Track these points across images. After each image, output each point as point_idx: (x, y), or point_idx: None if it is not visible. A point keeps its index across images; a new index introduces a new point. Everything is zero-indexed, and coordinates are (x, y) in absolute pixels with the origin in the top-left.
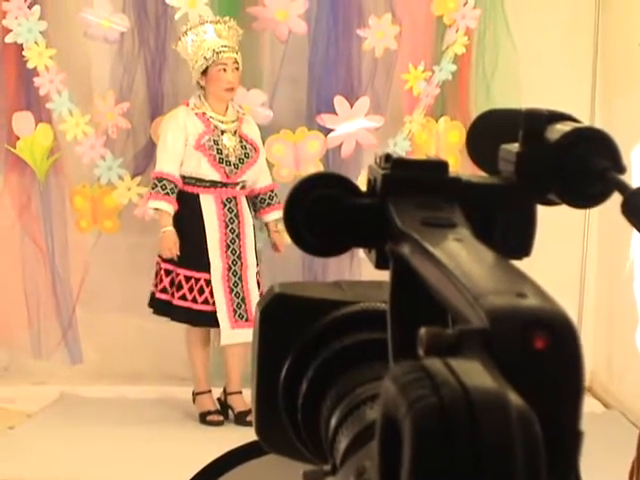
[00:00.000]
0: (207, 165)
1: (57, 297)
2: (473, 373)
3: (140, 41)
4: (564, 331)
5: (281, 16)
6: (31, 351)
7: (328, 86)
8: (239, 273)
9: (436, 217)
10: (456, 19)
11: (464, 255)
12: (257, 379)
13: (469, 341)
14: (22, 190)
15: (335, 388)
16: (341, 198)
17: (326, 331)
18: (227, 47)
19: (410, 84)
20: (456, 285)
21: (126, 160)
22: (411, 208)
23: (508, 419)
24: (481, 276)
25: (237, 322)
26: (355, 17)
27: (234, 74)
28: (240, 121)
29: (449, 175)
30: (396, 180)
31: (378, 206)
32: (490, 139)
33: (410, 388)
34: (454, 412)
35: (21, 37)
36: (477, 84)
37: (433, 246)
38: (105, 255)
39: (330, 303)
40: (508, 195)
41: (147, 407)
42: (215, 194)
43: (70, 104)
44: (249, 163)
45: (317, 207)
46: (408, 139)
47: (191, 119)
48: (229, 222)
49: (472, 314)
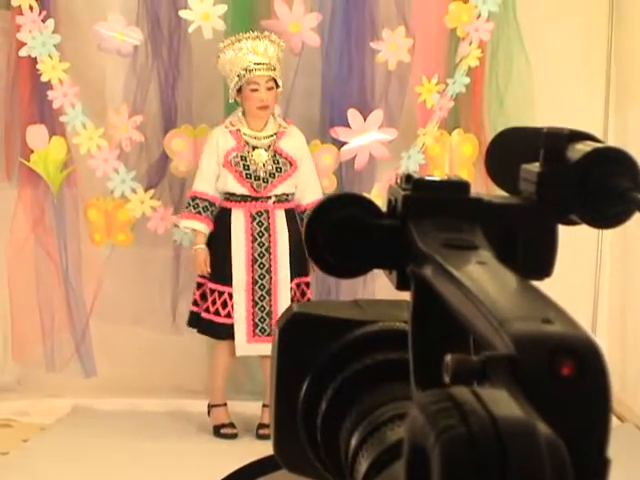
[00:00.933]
0: (233, 181)
1: (70, 310)
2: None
3: (153, 54)
4: (591, 357)
5: (294, 29)
6: (44, 364)
7: (341, 99)
8: (267, 287)
9: (458, 239)
10: (469, 32)
11: (487, 278)
12: (276, 398)
13: (495, 368)
14: (36, 203)
15: (355, 408)
16: (362, 219)
17: (345, 351)
18: (260, 64)
19: (423, 97)
20: (480, 309)
21: (139, 173)
22: (432, 229)
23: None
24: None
25: (255, 336)
26: (368, 30)
27: (268, 93)
28: (279, 135)
29: (470, 195)
30: (417, 201)
31: (399, 227)
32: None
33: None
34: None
35: (35, 50)
36: (490, 97)
37: (456, 269)
38: (118, 268)
39: (349, 322)
40: (529, 215)
41: (160, 420)
42: (245, 208)
43: (84, 117)
44: (281, 177)
45: (338, 228)
46: (422, 152)
47: (224, 137)
48: (257, 236)
49: (497, 340)
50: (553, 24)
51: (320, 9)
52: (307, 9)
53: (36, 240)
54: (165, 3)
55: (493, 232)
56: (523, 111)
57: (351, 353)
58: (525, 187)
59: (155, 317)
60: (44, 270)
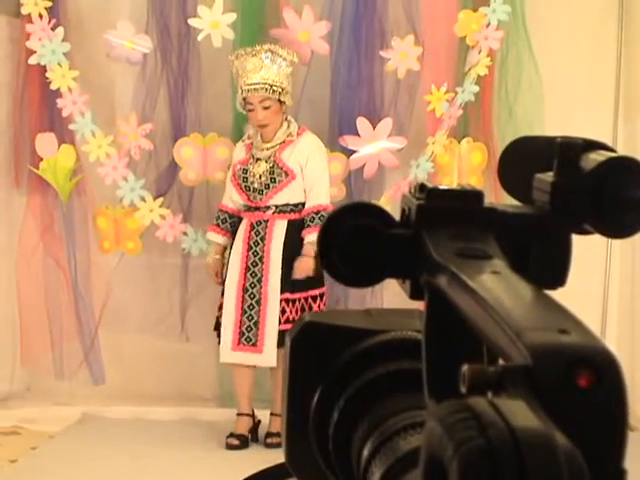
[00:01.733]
0: (235, 192)
1: (79, 318)
2: (519, 413)
3: (163, 62)
4: (608, 368)
5: (304, 37)
6: (53, 372)
7: (350, 107)
8: (257, 297)
9: (472, 248)
10: (479, 40)
11: (502, 288)
12: (287, 407)
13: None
14: (45, 211)
15: (367, 418)
16: (376, 228)
17: (357, 360)
18: (254, 84)
19: (433, 105)
20: (496, 320)
21: (148, 181)
22: (446, 239)
23: (556, 460)
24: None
25: (240, 345)
26: (378, 38)
27: (264, 112)
28: (283, 145)
29: (484, 205)
30: (431, 210)
31: (412, 236)
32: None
33: (456, 429)
34: (502, 454)
35: (44, 58)
36: (500, 105)
37: (470, 278)
38: (127, 276)
39: (361, 332)
40: (543, 225)
41: (169, 428)
42: (247, 217)
43: (93, 125)
44: (276, 188)
45: (351, 237)
46: (431, 160)
47: (239, 151)
48: (253, 244)
49: (514, 351)
50: (562, 33)
51: (329, 17)
52: (316, 18)
53: (45, 248)
54: (174, 11)
55: (507, 242)
56: (532, 120)
57: (363, 362)
58: (539, 197)
59: (164, 325)
60: (53, 278)
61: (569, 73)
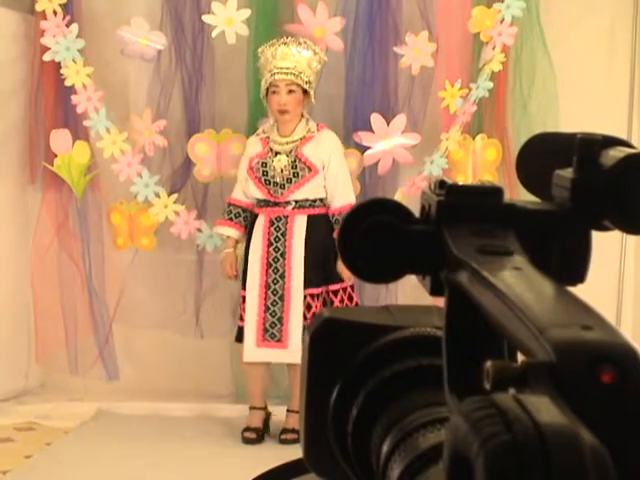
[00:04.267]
0: (253, 186)
1: (94, 314)
2: (544, 409)
3: (177, 59)
4: (632, 364)
5: (318, 34)
6: (68, 367)
7: (365, 104)
8: (280, 292)
9: (492, 244)
10: (493, 36)
11: (524, 284)
12: (306, 403)
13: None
14: (59, 207)
15: (386, 414)
16: (396, 224)
17: (376, 356)
18: (283, 69)
19: (447, 102)
20: (518, 316)
21: (163, 178)
22: (466, 235)
23: (582, 456)
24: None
25: (265, 341)
26: (392, 35)
27: (288, 96)
28: (304, 140)
29: (504, 201)
30: (451, 207)
31: (433, 233)
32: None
33: (482, 425)
34: (528, 450)
35: (59, 55)
36: (514, 101)
37: (491, 275)
38: (142, 272)
39: (380, 328)
40: (563, 222)
41: (185, 424)
42: (265, 213)
43: (107, 122)
44: (298, 183)
45: (372, 233)
46: (445, 157)
47: (254, 145)
48: (274, 240)
49: (537, 347)
50: (577, 28)
51: (344, 14)
52: (331, 14)
53: (60, 244)
54: (189, 8)
55: (527, 238)
56: (546, 116)
57: (382, 359)
58: (558, 193)
59: (178, 321)
60: (67, 274)
61: (584, 69)
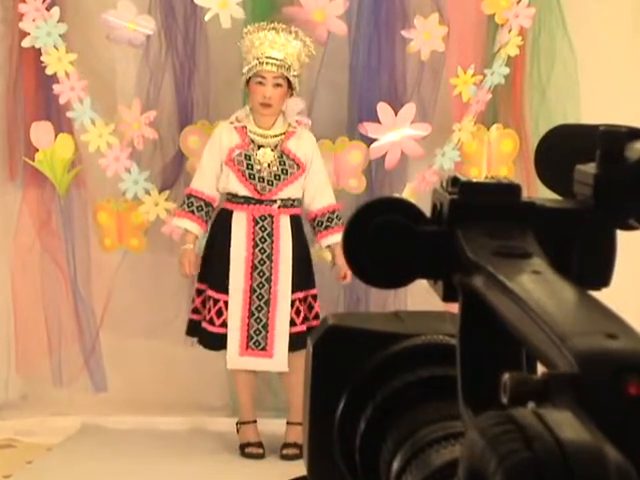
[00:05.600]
0: (235, 180)
1: (79, 320)
2: (566, 424)
3: (167, 45)
4: None
5: (319, 17)
6: (51, 379)
7: (370, 92)
8: (265, 297)
9: (509, 246)
10: (509, 18)
11: (544, 290)
12: (310, 417)
13: (557, 387)
14: (41, 206)
15: (397, 428)
16: (405, 225)
17: (386, 366)
18: (272, 59)
19: (459, 89)
20: (538, 324)
21: (153, 173)
22: (482, 236)
23: (607, 475)
24: (566, 314)
25: (249, 350)
26: (399, 17)
27: (274, 90)
28: (287, 135)
29: (522, 200)
30: (465, 206)
31: (445, 234)
32: (561, 158)
33: (500, 441)
34: (549, 468)
35: (39, 41)
36: (532, 88)
37: (509, 279)
38: (131, 275)
39: (389, 336)
40: (586, 220)
41: (177, 439)
42: (247, 211)
43: (92, 113)
44: (287, 180)
45: (379, 235)
46: (457, 149)
47: (228, 134)
48: (259, 241)
49: (559, 357)
50: (599, 9)
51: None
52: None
53: (42, 245)
54: None
55: (547, 239)
56: (567, 103)
57: (392, 369)
58: (580, 190)
59: (170, 328)
60: (50, 278)
61: (607, 51)
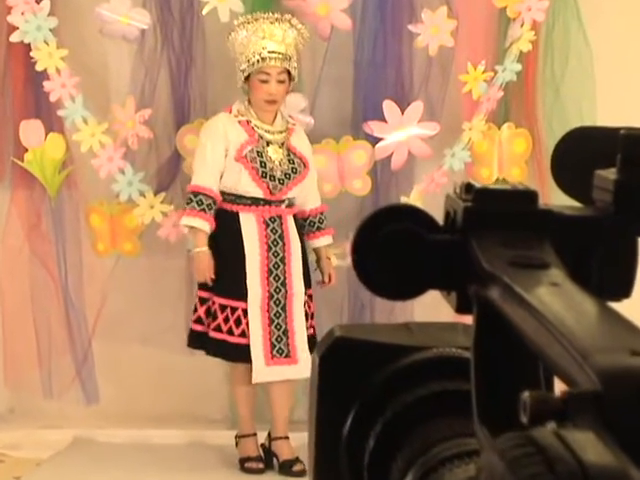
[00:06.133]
0: (248, 179)
1: (71, 328)
2: (588, 446)
3: (163, 40)
4: None
5: (322, 10)
6: (41, 390)
7: (376, 89)
8: (282, 302)
9: (527, 256)
10: (521, 11)
11: (563, 302)
12: (316, 433)
13: (579, 407)
14: (31, 208)
15: (407, 446)
16: (417, 233)
17: (395, 380)
18: (275, 53)
19: (469, 86)
20: (557, 339)
21: (148, 174)
22: (497, 245)
23: None
24: (587, 329)
25: (274, 358)
26: (406, 11)
27: (278, 86)
28: (289, 132)
29: (539, 207)
30: (479, 213)
31: (459, 243)
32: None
33: (520, 464)
34: None
35: (29, 36)
36: (545, 85)
37: (526, 291)
38: (125, 281)
39: (399, 348)
40: (606, 228)
41: (174, 453)
42: (257, 212)
43: (85, 111)
44: (297, 179)
45: (389, 244)
46: (467, 149)
47: (233, 127)
48: (272, 244)
49: (580, 374)
50: (615, 1)
51: None
52: None
53: (31, 250)
54: None
55: (565, 248)
56: (582, 100)
57: (402, 383)
58: (600, 196)
59: (167, 336)
60: (40, 284)
61: (624, 45)
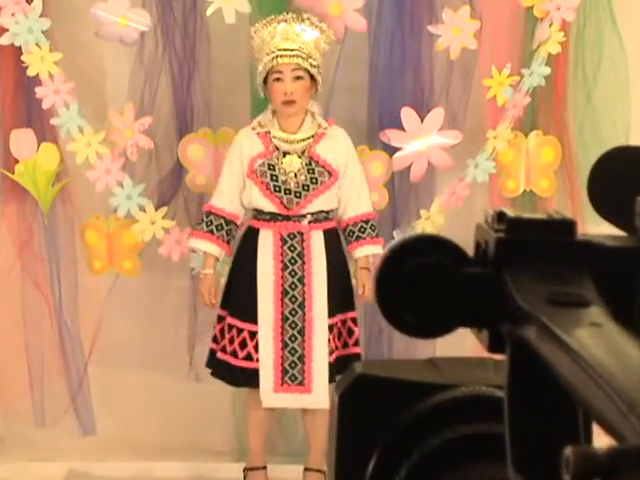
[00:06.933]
0: (259, 195)
1: (65, 353)
2: None
3: (164, 42)
4: None
5: (335, 10)
6: (33, 419)
7: (393, 95)
8: (299, 325)
9: (565, 293)
10: (549, 10)
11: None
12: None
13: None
14: (22, 224)
15: None
16: (445, 267)
17: (422, 421)
18: (287, 50)
19: (493, 92)
20: (601, 387)
21: (149, 187)
22: (533, 280)
23: None
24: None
25: (284, 385)
26: (425, 11)
27: (294, 84)
28: (316, 138)
29: (577, 237)
30: (513, 245)
31: (491, 276)
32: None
33: None
34: None
35: (19, 38)
36: (576, 90)
37: (565, 332)
38: (123, 302)
39: (425, 386)
40: None
41: None
42: (274, 229)
43: (80, 119)
44: (318, 190)
45: (416, 278)
46: (492, 159)
47: (250, 141)
48: (289, 262)
49: (626, 426)
50: None
51: None
52: None
53: (22, 268)
54: None
55: (606, 282)
56: (616, 106)
57: (429, 424)
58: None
59: (169, 361)
60: (32, 304)
61: None
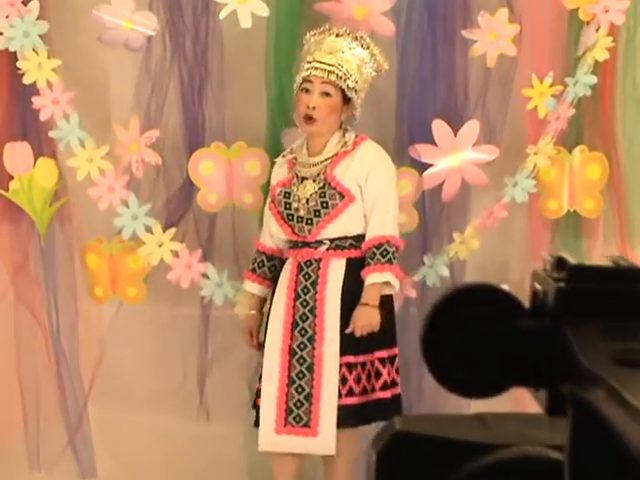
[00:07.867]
0: (276, 224)
1: (63, 388)
2: None
3: (173, 48)
4: None
5: (361, 14)
6: (27, 462)
7: (424, 106)
8: (308, 361)
9: (633, 350)
10: (596, 13)
11: None
12: None
13: None
14: (17, 246)
15: None
16: (499, 320)
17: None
18: (325, 64)
19: (534, 102)
20: None
21: (156, 207)
22: (597, 335)
23: None
24: None
25: (288, 426)
26: (459, 14)
27: (320, 99)
28: (337, 159)
29: None
30: (575, 295)
31: (550, 331)
32: None
33: None
34: None
35: (14, 43)
36: (625, 101)
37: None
38: (127, 333)
39: (472, 446)
40: None
41: None
42: (293, 256)
43: (81, 132)
44: (329, 215)
45: (466, 332)
46: (532, 177)
47: (280, 169)
48: (302, 292)
49: None
50: None
51: None
52: None
53: (17, 295)
54: None
55: None
56: None
57: None
58: None
59: (176, 398)
60: (27, 335)
61: None
